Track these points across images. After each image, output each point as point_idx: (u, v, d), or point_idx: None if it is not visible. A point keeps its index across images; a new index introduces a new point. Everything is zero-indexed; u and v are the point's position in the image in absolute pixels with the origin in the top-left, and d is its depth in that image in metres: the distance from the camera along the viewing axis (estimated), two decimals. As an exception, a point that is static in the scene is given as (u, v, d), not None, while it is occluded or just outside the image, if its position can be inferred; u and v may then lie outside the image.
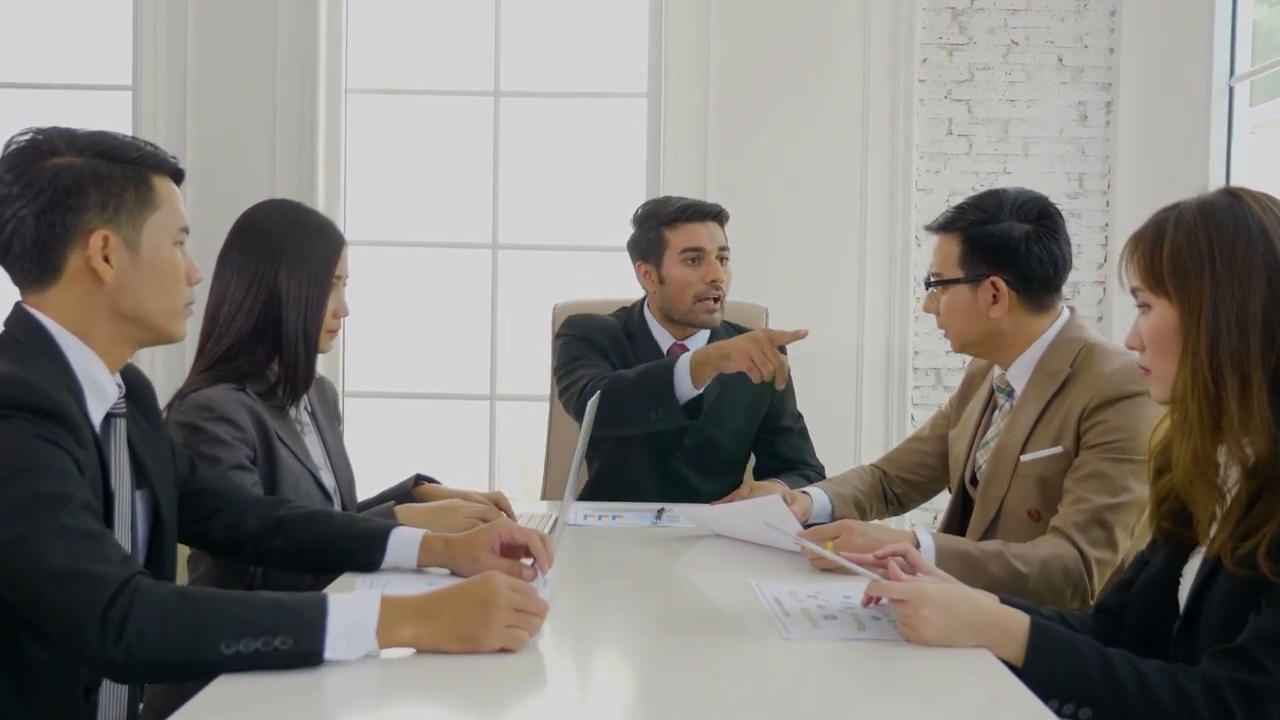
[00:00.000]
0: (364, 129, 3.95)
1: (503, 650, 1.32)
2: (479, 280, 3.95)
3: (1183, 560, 1.44)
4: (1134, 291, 1.42)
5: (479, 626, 1.31)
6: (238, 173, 3.72)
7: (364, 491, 2.27)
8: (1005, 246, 1.99)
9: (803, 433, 2.70)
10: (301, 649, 1.24)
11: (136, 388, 1.55)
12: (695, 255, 2.50)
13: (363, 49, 3.93)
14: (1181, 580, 1.44)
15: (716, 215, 2.55)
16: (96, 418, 1.42)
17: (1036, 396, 2.00)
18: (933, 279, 2.08)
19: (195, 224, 1.94)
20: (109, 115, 3.81)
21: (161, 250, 1.45)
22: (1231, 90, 3.48)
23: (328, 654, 1.25)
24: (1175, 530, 1.44)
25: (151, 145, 1.47)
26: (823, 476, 2.63)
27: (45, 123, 1.44)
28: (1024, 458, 1.98)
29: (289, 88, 3.77)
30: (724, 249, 2.54)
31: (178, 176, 1.51)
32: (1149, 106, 3.71)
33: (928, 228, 2.14)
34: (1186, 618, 1.39)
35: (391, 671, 1.28)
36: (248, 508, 1.72)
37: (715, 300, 2.52)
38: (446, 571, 1.68)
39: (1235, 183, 3.44)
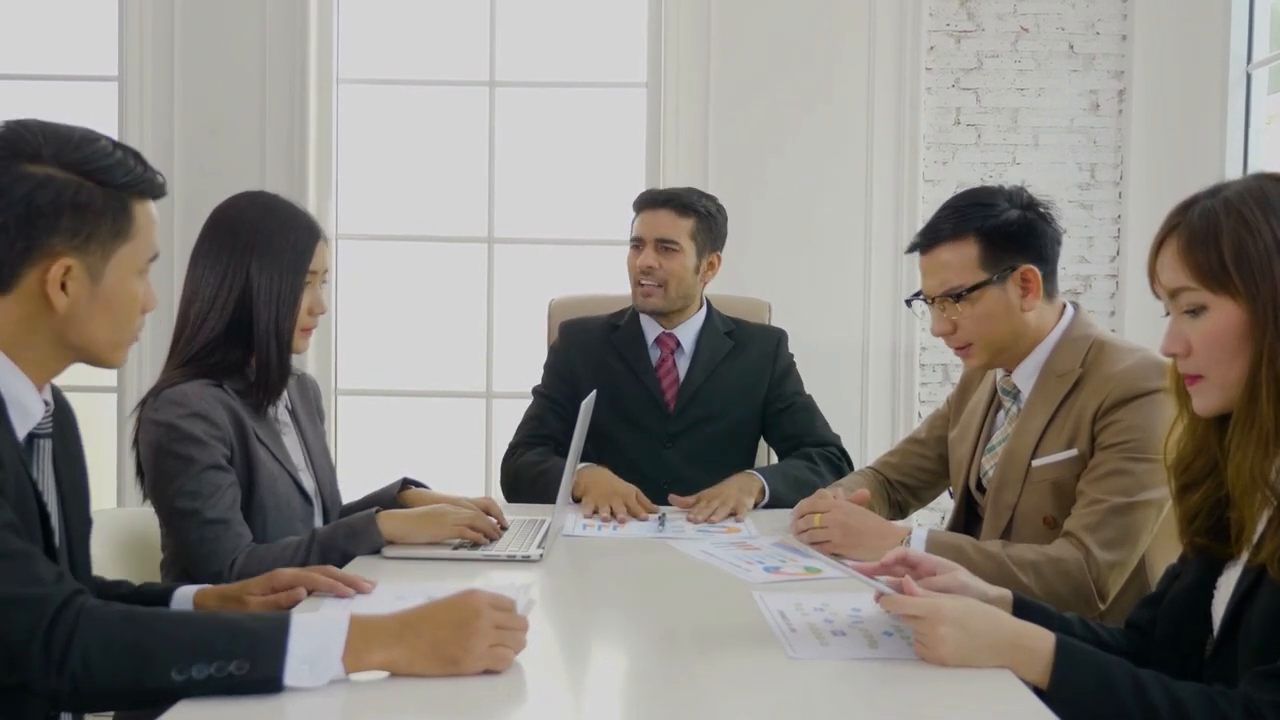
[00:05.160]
0: (355, 120, 3.87)
1: (486, 672, 1.23)
2: (474, 275, 3.87)
3: (1216, 572, 1.35)
4: (1177, 293, 1.29)
5: (460, 648, 1.22)
6: (226, 165, 3.65)
7: (353, 492, 2.19)
8: (1025, 230, 1.90)
9: (808, 407, 2.66)
10: (259, 674, 1.15)
11: (58, 410, 1.42)
12: (634, 243, 2.58)
13: (354, 38, 3.85)
14: (1215, 593, 1.35)
15: (665, 202, 2.59)
16: (19, 435, 1.31)
17: (1046, 399, 1.91)
18: (951, 293, 1.91)
19: (182, 218, 1.88)
20: (95, 107, 3.73)
21: (123, 283, 1.34)
22: (1249, 77, 3.39)
23: (288, 680, 1.16)
24: (1209, 545, 1.34)
25: (140, 164, 1.35)
26: (839, 451, 2.57)
27: (27, 115, 1.31)
28: (1036, 463, 1.90)
29: (278, 78, 3.70)
30: (664, 240, 2.54)
31: (160, 195, 1.40)
32: (1163, 94, 3.62)
33: (921, 247, 1.96)
34: (1223, 634, 1.29)
35: (367, 696, 1.19)
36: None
37: (650, 286, 2.56)
38: (422, 588, 1.58)
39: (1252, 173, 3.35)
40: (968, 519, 2.08)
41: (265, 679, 1.15)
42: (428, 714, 1.16)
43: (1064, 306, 1.97)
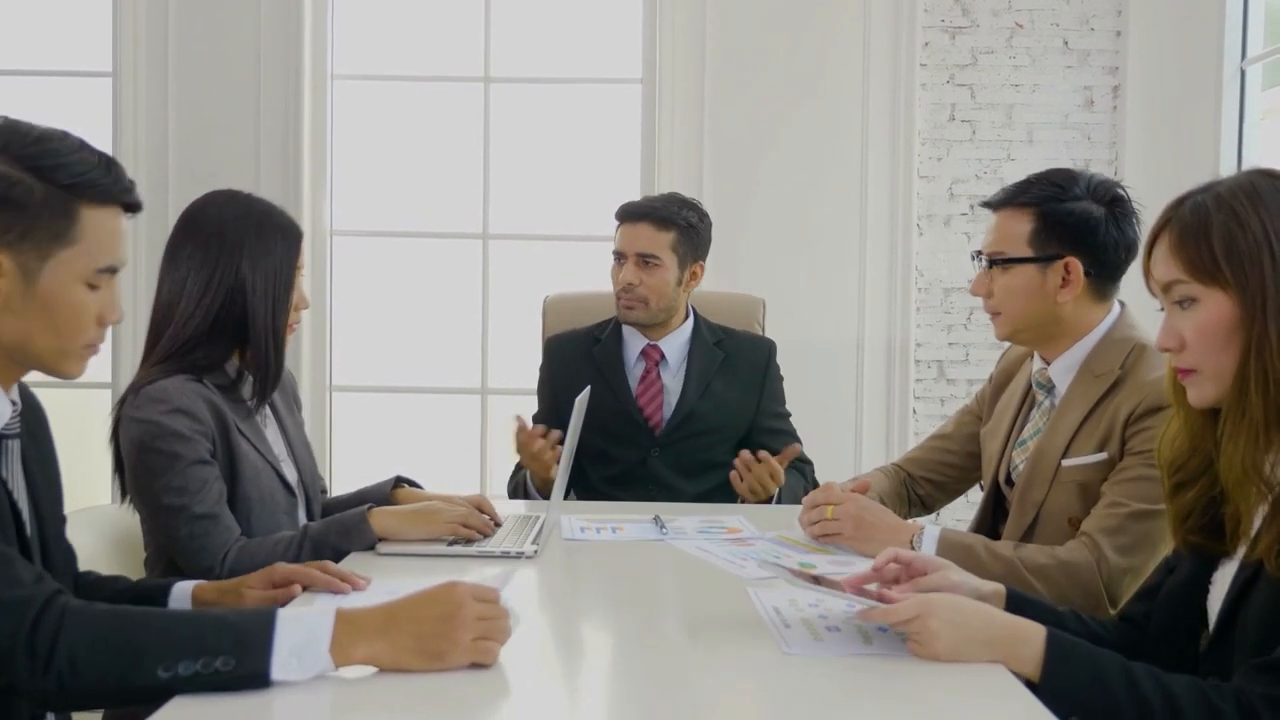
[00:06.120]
0: (350, 116, 3.86)
1: (474, 666, 1.23)
2: (469, 271, 3.87)
3: (1211, 567, 1.35)
4: (1169, 287, 1.30)
5: (446, 642, 1.22)
6: (220, 161, 3.65)
7: (344, 487, 2.19)
8: (1084, 226, 1.88)
9: (792, 432, 2.66)
10: (245, 670, 1.14)
11: (27, 408, 1.40)
12: (616, 257, 2.56)
13: (348, 33, 3.84)
14: (1210, 588, 1.35)
15: (645, 215, 2.55)
16: None
17: (1082, 398, 1.89)
18: (993, 258, 1.94)
19: (176, 213, 1.89)
20: (89, 103, 3.72)
21: (62, 289, 1.27)
22: (1243, 73, 3.39)
23: (275, 674, 1.15)
24: (1204, 542, 1.34)
25: (107, 171, 1.29)
26: (811, 469, 2.59)
27: (22, 111, 1.31)
28: (1065, 462, 1.88)
29: (273, 74, 3.69)
30: (645, 255, 2.52)
31: (130, 207, 1.34)
32: (1157, 91, 3.62)
33: (987, 203, 1.99)
34: (1219, 629, 1.30)
35: (364, 693, 1.19)
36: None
37: (631, 300, 2.53)
38: (417, 584, 1.58)
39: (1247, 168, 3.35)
40: (994, 513, 2.07)
41: (252, 674, 1.15)
42: (428, 710, 1.16)
43: (1113, 305, 1.96)
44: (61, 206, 1.26)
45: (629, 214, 2.56)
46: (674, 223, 2.53)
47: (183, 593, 1.58)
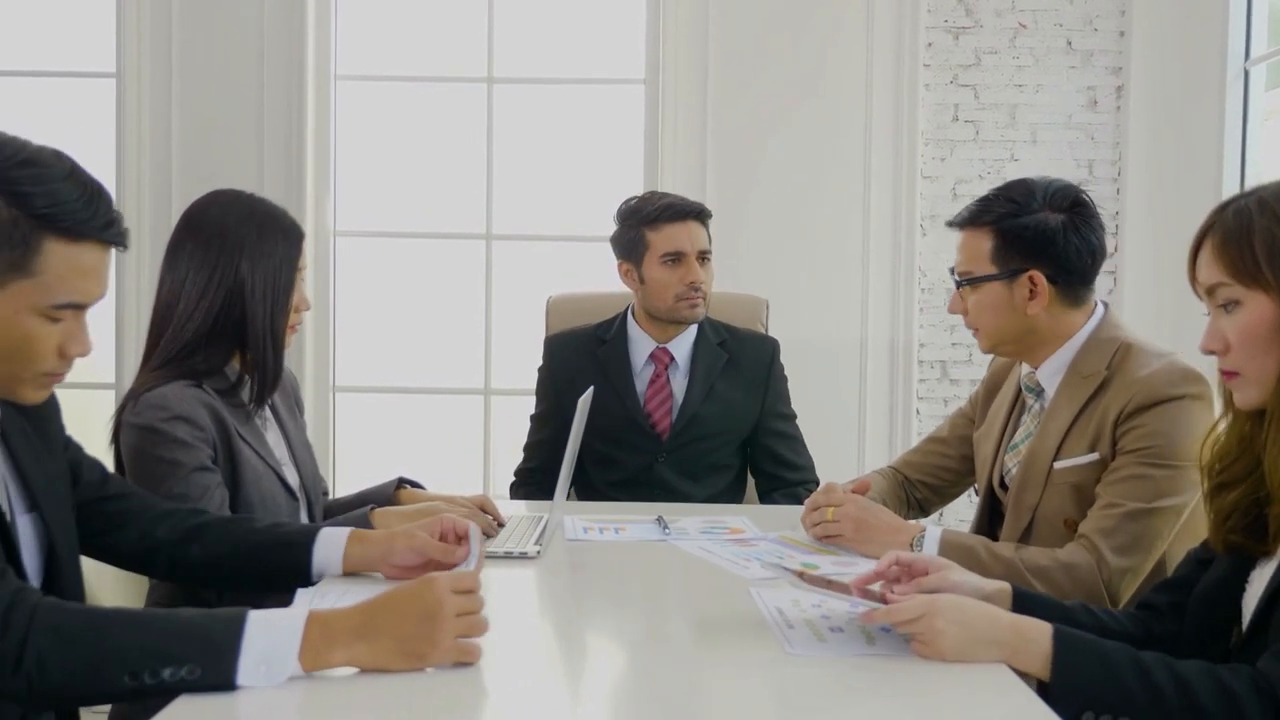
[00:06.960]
0: (353, 117, 3.86)
1: (458, 664, 1.23)
2: (472, 272, 3.87)
3: (1249, 566, 1.36)
4: (1213, 290, 1.31)
5: (426, 643, 1.21)
6: (224, 162, 3.65)
7: (348, 487, 2.18)
8: (1041, 238, 1.88)
9: (796, 435, 2.64)
10: (210, 680, 1.14)
11: (20, 411, 1.39)
12: (675, 258, 2.50)
13: (352, 34, 3.84)
14: (1247, 587, 1.35)
15: (698, 214, 2.54)
16: None
17: (1070, 399, 1.90)
18: (962, 278, 1.96)
19: (180, 213, 1.89)
20: (93, 104, 3.73)
21: (12, 318, 1.22)
22: (1247, 74, 3.38)
23: (242, 681, 1.15)
24: (1244, 543, 1.34)
25: (84, 201, 1.23)
26: (816, 483, 2.55)
27: (25, 112, 1.30)
28: (1057, 465, 1.89)
29: (276, 75, 3.70)
30: (704, 251, 2.53)
31: (111, 243, 1.28)
32: (1161, 91, 3.62)
33: (950, 223, 2.01)
34: (1253, 627, 1.31)
35: (374, 692, 1.19)
36: (160, 517, 1.60)
37: (698, 299, 2.52)
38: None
39: (1250, 170, 3.36)
40: (990, 517, 2.07)
41: (217, 684, 1.14)
42: (432, 710, 1.16)
43: (1094, 307, 1.96)
44: (25, 236, 1.20)
45: (684, 213, 2.53)
46: (708, 217, 2.57)
47: (334, 541, 1.59)
